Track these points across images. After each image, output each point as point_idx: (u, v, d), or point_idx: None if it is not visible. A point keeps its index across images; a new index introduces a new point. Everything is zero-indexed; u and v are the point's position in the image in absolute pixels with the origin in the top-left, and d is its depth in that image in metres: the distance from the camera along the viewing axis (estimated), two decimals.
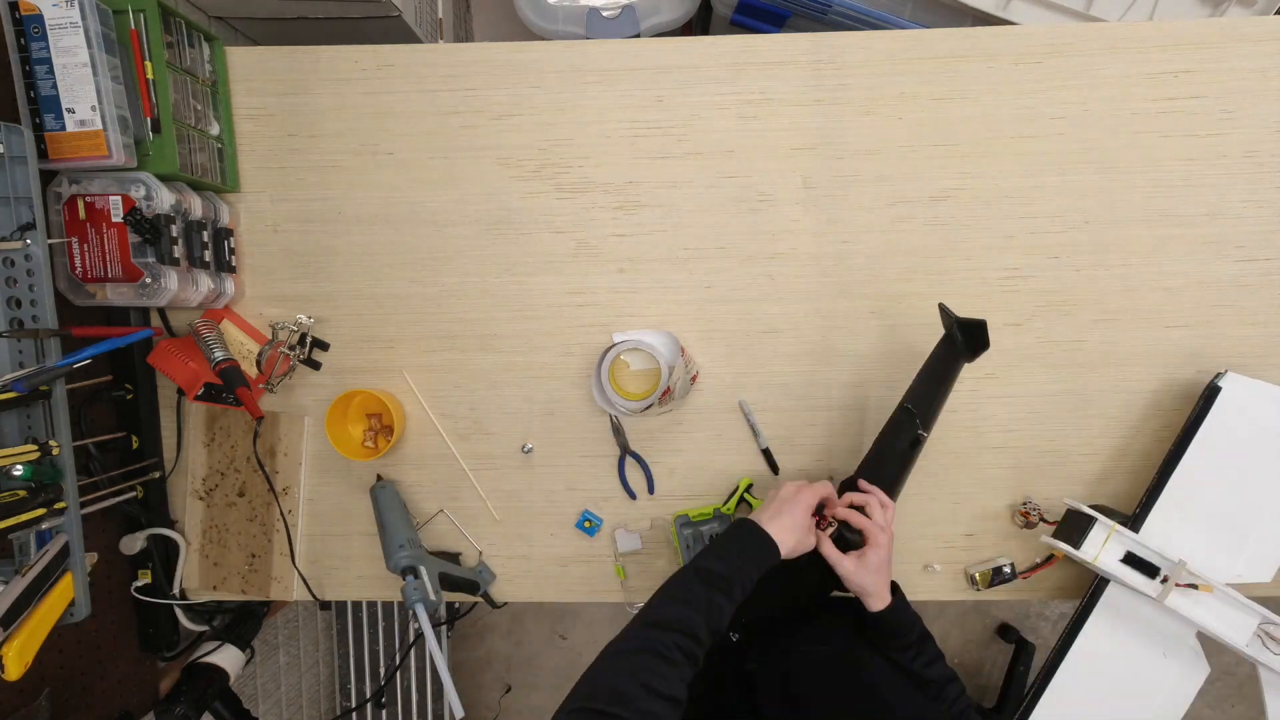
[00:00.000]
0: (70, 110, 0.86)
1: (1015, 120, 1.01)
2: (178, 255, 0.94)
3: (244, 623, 1.18)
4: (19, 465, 0.82)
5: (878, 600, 0.84)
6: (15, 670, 0.78)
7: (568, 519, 1.08)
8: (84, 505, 0.91)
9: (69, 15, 0.83)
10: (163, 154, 0.92)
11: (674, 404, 1.03)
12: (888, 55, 1.01)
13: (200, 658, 1.10)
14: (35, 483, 0.84)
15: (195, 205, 0.97)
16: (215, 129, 1.02)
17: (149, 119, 0.91)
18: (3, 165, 0.83)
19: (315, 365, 1.07)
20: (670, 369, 0.98)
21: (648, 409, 0.99)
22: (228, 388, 0.97)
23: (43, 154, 0.87)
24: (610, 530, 1.08)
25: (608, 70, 1.03)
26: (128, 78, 0.90)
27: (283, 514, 1.09)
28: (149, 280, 0.92)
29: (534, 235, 1.05)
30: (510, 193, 1.05)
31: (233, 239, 1.04)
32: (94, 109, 0.86)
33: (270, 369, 1.03)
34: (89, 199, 0.91)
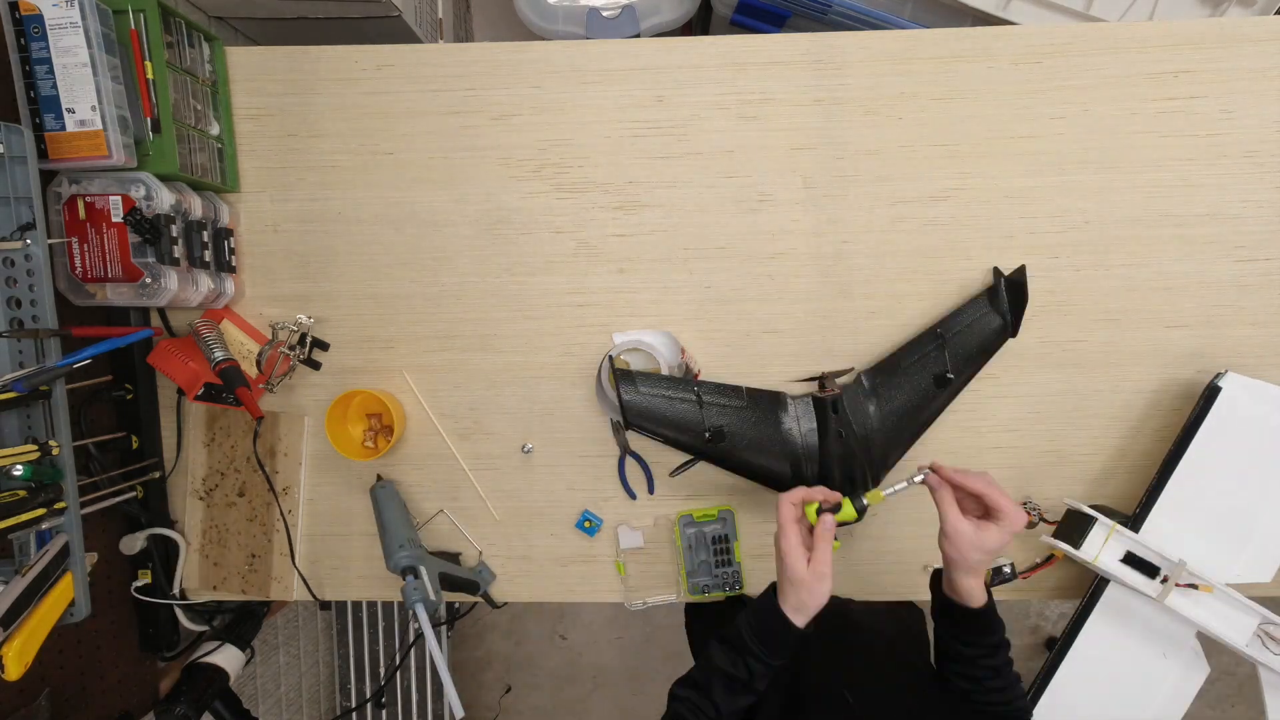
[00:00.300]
0: (70, 110, 0.86)
1: (1015, 120, 1.01)
2: (178, 255, 0.94)
3: (244, 623, 1.18)
4: (19, 465, 0.82)
5: (975, 590, 0.78)
6: (15, 670, 0.78)
7: (568, 519, 1.08)
8: (84, 505, 0.91)
9: (69, 15, 0.83)
10: (163, 154, 0.92)
11: None
12: (888, 55, 1.01)
13: (200, 658, 1.10)
14: (35, 483, 0.84)
15: (195, 205, 0.97)
16: (215, 129, 1.02)
17: (149, 119, 0.91)
18: (3, 165, 0.83)
19: (315, 365, 1.07)
20: (670, 369, 0.98)
21: None
22: (228, 388, 0.97)
23: (43, 154, 0.87)
24: (612, 527, 1.08)
25: (608, 70, 1.03)
26: (128, 78, 0.90)
27: (283, 514, 1.09)
28: (149, 280, 0.92)
29: (534, 235, 1.05)
30: (510, 193, 1.05)
31: (233, 239, 1.04)
32: (94, 109, 0.86)
33: (270, 369, 1.03)
34: (89, 199, 0.91)
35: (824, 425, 0.97)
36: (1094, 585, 0.98)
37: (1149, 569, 0.93)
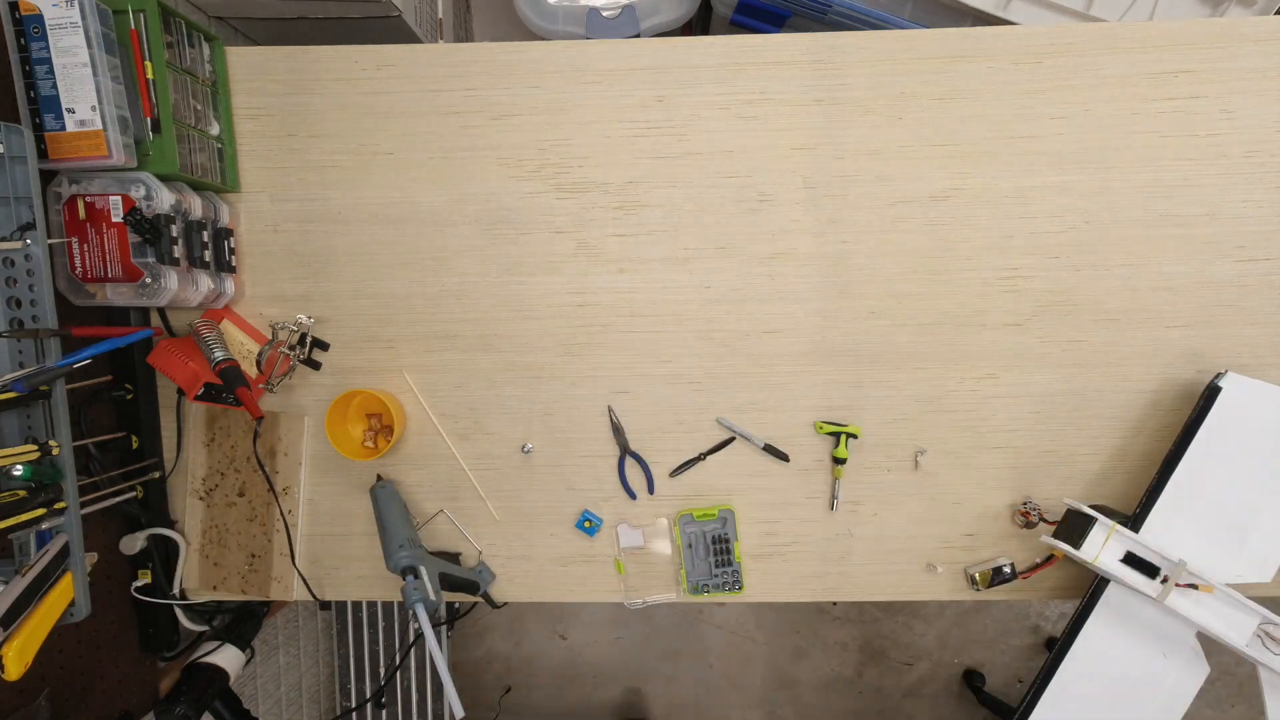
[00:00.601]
0: (70, 110, 0.86)
1: (1015, 120, 1.01)
2: (178, 255, 0.94)
3: (244, 623, 1.18)
4: (19, 465, 0.82)
5: None
6: (15, 670, 0.78)
7: (568, 519, 1.08)
8: (84, 505, 0.91)
9: (69, 15, 0.83)
10: (163, 154, 0.92)
11: None
12: (888, 55, 1.01)
13: (200, 658, 1.10)
14: (35, 483, 0.84)
15: (195, 205, 0.97)
16: (215, 129, 1.02)
17: (149, 119, 0.91)
18: (3, 165, 0.83)
19: (315, 365, 1.07)
20: None
21: None
22: (228, 388, 0.97)
23: (43, 154, 0.87)
24: (612, 526, 1.08)
25: (608, 70, 1.03)
26: (128, 78, 0.90)
27: (283, 514, 1.09)
28: (149, 280, 0.92)
29: (534, 235, 1.05)
30: (510, 193, 1.05)
31: (233, 239, 1.04)
32: (94, 109, 0.86)
33: (270, 369, 1.03)
34: (89, 199, 0.91)
35: None
36: (1094, 585, 0.98)
37: (1149, 569, 0.93)
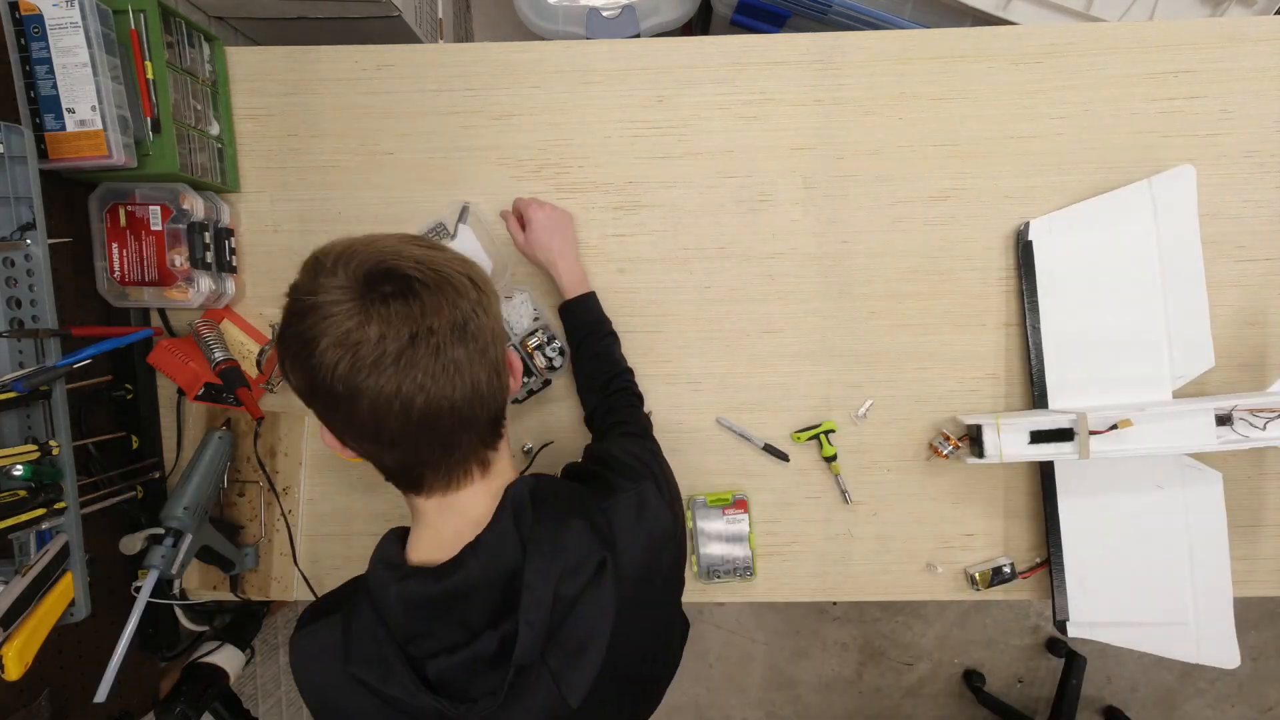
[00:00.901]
0: (70, 110, 0.86)
1: (1015, 120, 1.01)
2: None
3: (244, 623, 1.18)
4: (19, 465, 0.82)
5: (568, 284, 0.97)
6: (15, 670, 0.78)
7: None
8: (84, 505, 0.91)
9: (69, 15, 0.83)
10: (163, 154, 0.92)
11: None
12: (888, 55, 1.01)
13: (200, 658, 1.10)
14: (35, 483, 0.84)
15: (197, 206, 0.97)
16: (215, 129, 1.02)
17: (149, 119, 0.91)
18: (3, 165, 0.83)
19: None
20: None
21: None
22: (228, 388, 0.97)
23: (43, 154, 0.87)
24: None
25: (608, 70, 1.03)
26: (128, 78, 0.90)
27: (283, 514, 1.09)
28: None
29: None
30: (510, 193, 1.05)
31: (233, 239, 1.04)
32: (94, 109, 0.86)
33: (270, 369, 1.03)
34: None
35: None
36: (1043, 480, 0.98)
37: (1064, 435, 0.91)
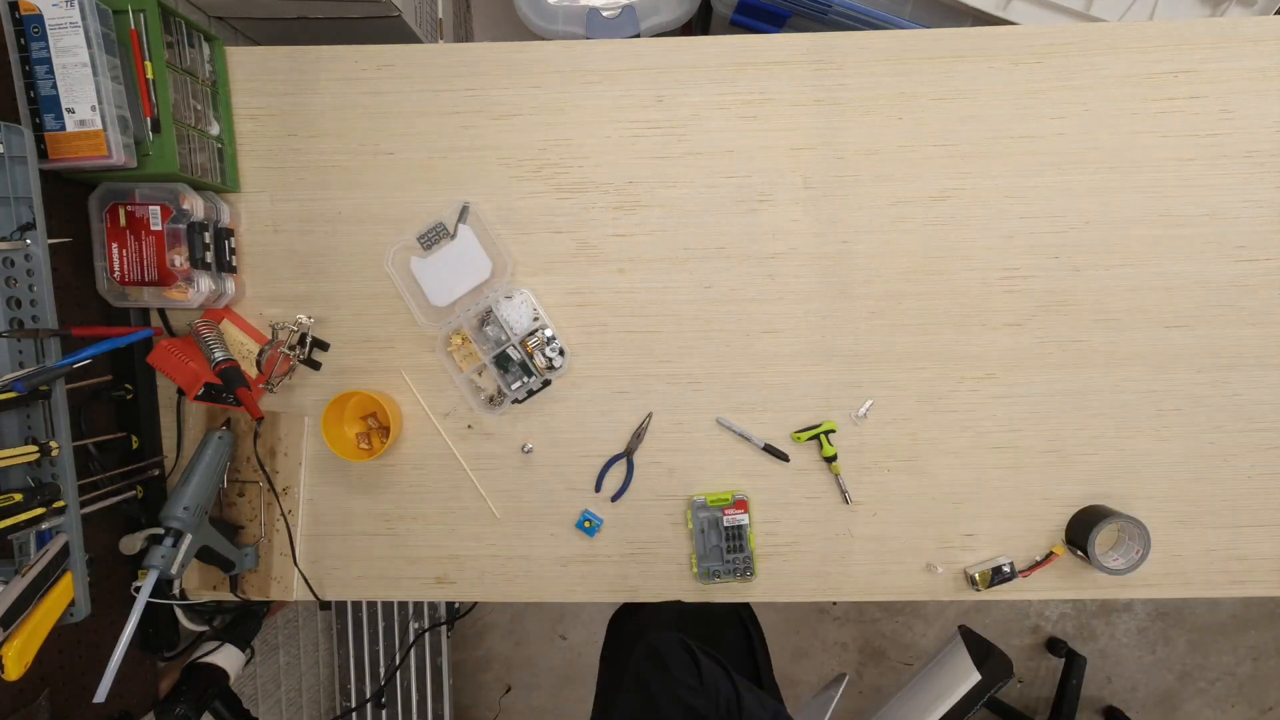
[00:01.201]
0: (70, 110, 0.86)
1: (1015, 120, 1.01)
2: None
3: (244, 623, 1.18)
4: (19, 466, 0.82)
5: None
6: (15, 670, 0.78)
7: (568, 519, 1.08)
8: (84, 505, 0.91)
9: (69, 15, 0.83)
10: (163, 154, 0.92)
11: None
12: (888, 55, 1.01)
13: (200, 658, 1.10)
14: (35, 482, 0.84)
15: (197, 206, 0.97)
16: (215, 129, 1.02)
17: (149, 119, 0.91)
18: (3, 165, 0.83)
19: (315, 365, 1.07)
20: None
21: None
22: (228, 388, 0.97)
23: (43, 154, 0.87)
24: (612, 525, 1.08)
25: (608, 70, 1.03)
26: (128, 78, 0.90)
27: (283, 514, 1.09)
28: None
29: (534, 235, 1.05)
30: (510, 193, 1.05)
31: (233, 239, 1.04)
32: (94, 109, 0.86)
33: (270, 369, 1.03)
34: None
35: None
36: None
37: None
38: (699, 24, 1.50)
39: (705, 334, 1.05)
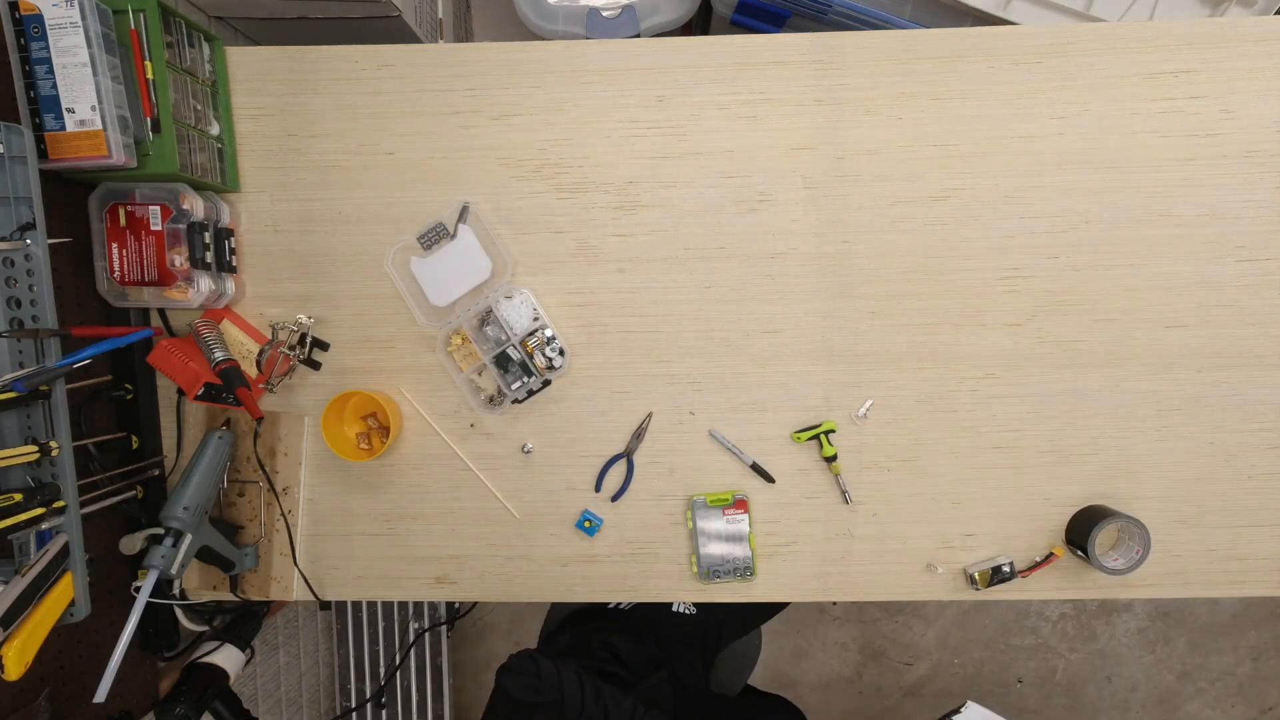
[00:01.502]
0: (70, 110, 0.86)
1: (1015, 120, 1.01)
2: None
3: (244, 623, 1.18)
4: (19, 466, 0.82)
5: None
6: (15, 670, 0.78)
7: (568, 519, 1.08)
8: (84, 505, 0.91)
9: (69, 15, 0.83)
10: (163, 154, 0.92)
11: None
12: (888, 55, 1.01)
13: (200, 658, 1.10)
14: (35, 482, 0.84)
15: (197, 206, 0.97)
16: (215, 129, 1.02)
17: (149, 119, 0.91)
18: (3, 165, 0.83)
19: (315, 365, 1.07)
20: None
21: None
22: (228, 388, 0.97)
23: (43, 154, 0.87)
24: (612, 526, 1.08)
25: (608, 70, 1.03)
26: (128, 78, 0.90)
27: (283, 514, 1.09)
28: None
29: (534, 235, 1.05)
30: (510, 193, 1.05)
31: (233, 239, 1.04)
32: (94, 109, 0.86)
33: (270, 369, 1.03)
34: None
35: None
36: None
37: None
38: (699, 24, 1.50)
39: (705, 334, 1.05)
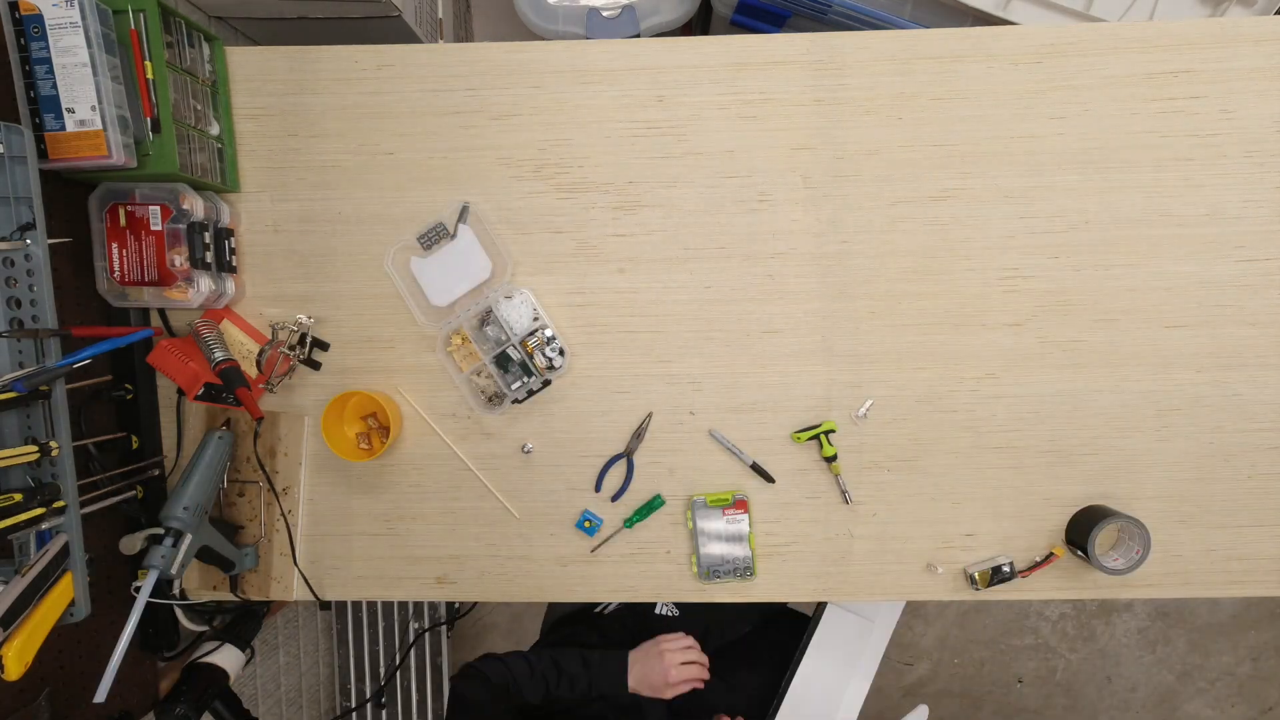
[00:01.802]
0: (70, 110, 0.86)
1: (1015, 120, 1.01)
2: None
3: (244, 623, 1.18)
4: (19, 466, 0.82)
5: None
6: (15, 670, 0.78)
7: (568, 519, 1.08)
8: (84, 505, 0.91)
9: (69, 15, 0.83)
10: (163, 154, 0.92)
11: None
12: (888, 55, 1.01)
13: (200, 658, 1.10)
14: (35, 482, 0.84)
15: (197, 206, 0.97)
16: (215, 129, 1.02)
17: (149, 119, 0.91)
18: (3, 165, 0.83)
19: (315, 365, 1.07)
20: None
21: None
22: (228, 388, 0.97)
23: (43, 154, 0.87)
24: (612, 526, 1.08)
25: (608, 70, 1.03)
26: (128, 78, 0.90)
27: (283, 514, 1.09)
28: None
29: (534, 235, 1.05)
30: (510, 193, 1.05)
31: (233, 239, 1.04)
32: (94, 109, 0.86)
33: (270, 369, 1.03)
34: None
35: None
36: None
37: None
38: (699, 24, 1.50)
39: (705, 334, 1.05)
